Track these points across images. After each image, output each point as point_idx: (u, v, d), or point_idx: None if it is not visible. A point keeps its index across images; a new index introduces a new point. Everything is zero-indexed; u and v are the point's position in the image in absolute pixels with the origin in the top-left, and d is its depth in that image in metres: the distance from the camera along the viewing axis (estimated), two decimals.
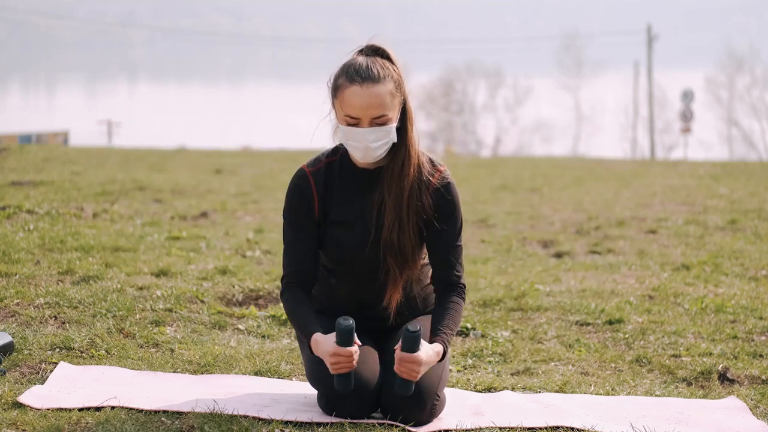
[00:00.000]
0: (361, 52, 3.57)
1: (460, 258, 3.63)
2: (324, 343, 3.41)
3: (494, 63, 63.98)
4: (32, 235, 6.78)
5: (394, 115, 3.51)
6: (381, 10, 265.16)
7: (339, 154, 3.62)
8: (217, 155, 18.95)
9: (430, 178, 3.58)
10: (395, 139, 3.53)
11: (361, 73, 3.47)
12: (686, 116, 39.87)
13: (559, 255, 7.64)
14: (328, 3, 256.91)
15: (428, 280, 3.75)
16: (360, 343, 3.43)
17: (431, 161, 3.62)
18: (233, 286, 5.60)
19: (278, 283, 5.78)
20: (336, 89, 3.51)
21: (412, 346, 3.35)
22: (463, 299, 3.62)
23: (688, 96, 40.35)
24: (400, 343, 3.39)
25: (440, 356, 3.48)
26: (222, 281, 5.72)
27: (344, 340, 3.35)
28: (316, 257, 3.62)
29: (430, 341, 3.50)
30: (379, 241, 3.55)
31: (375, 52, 3.56)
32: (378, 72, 3.47)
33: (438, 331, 3.52)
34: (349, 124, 3.49)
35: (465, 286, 3.65)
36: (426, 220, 3.59)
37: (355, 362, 3.37)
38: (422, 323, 3.58)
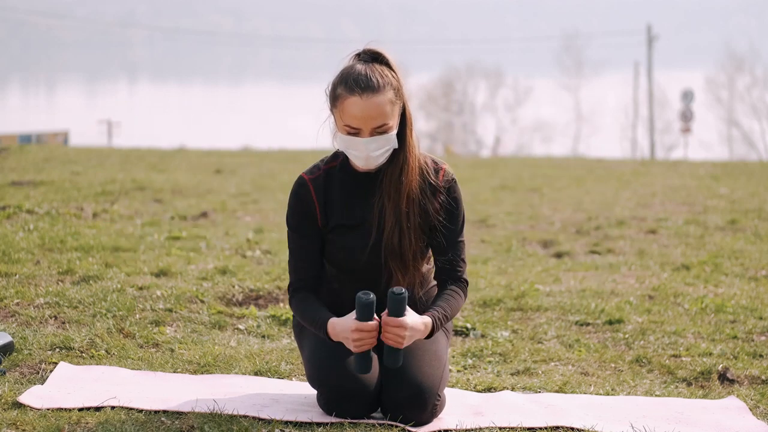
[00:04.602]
0: (358, 56, 3.55)
1: (463, 254, 3.63)
2: (342, 323, 3.40)
3: (494, 63, 63.98)
4: (32, 235, 6.78)
5: (395, 123, 3.50)
6: (381, 10, 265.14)
7: (339, 159, 3.61)
8: (217, 155, 18.94)
9: (437, 181, 3.58)
10: (396, 145, 3.52)
11: (360, 83, 3.43)
12: (686, 116, 39.88)
13: (559, 255, 7.64)
14: (328, 3, 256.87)
15: (431, 284, 3.75)
16: (379, 319, 3.39)
17: (434, 162, 3.61)
18: (233, 286, 5.60)
19: (278, 283, 5.78)
20: (335, 99, 3.48)
21: (397, 308, 3.32)
22: (464, 291, 3.62)
23: (688, 96, 40.35)
24: (394, 298, 3.36)
25: (428, 330, 3.45)
26: (222, 281, 5.72)
27: (365, 315, 3.33)
28: (321, 263, 3.63)
29: (421, 315, 3.49)
30: (381, 246, 3.54)
31: (374, 58, 3.53)
32: (377, 81, 3.44)
33: (430, 308, 3.53)
34: (349, 134, 3.48)
35: (467, 282, 3.65)
36: (430, 220, 3.59)
37: (376, 338, 3.35)
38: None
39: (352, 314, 3.40)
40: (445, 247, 3.60)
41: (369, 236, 3.55)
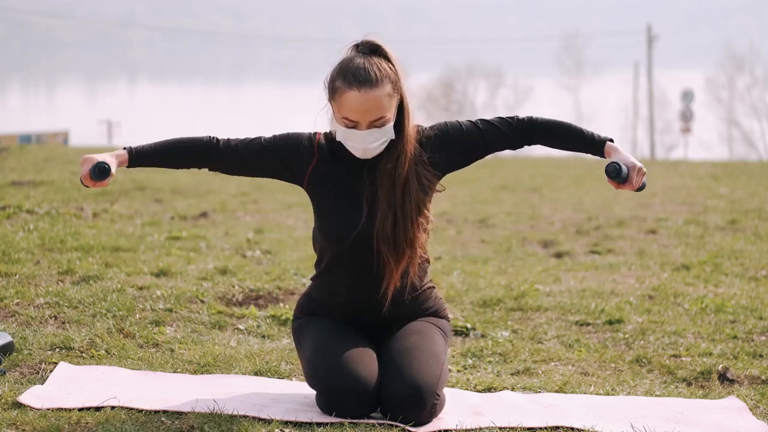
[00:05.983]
0: (357, 48, 3.57)
1: (500, 119, 3.70)
2: (100, 156, 3.51)
3: (494, 63, 63.94)
4: (32, 235, 6.78)
5: (392, 115, 3.53)
6: (381, 10, 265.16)
7: None
8: None
9: (420, 147, 3.61)
10: (393, 136, 3.54)
11: (358, 77, 3.46)
12: (686, 116, 39.90)
13: (559, 255, 7.64)
14: (328, 3, 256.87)
15: (426, 280, 3.75)
16: (104, 184, 3.51)
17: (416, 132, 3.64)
18: (233, 286, 5.60)
19: (278, 283, 5.79)
20: (333, 91, 3.51)
21: (621, 171, 3.54)
22: (533, 116, 3.70)
23: (688, 96, 40.37)
24: (616, 179, 3.51)
25: (611, 143, 3.62)
26: (222, 281, 5.72)
27: (95, 173, 3.50)
28: (237, 166, 3.65)
29: (604, 152, 3.60)
30: (373, 231, 3.55)
31: (372, 50, 3.55)
32: (375, 75, 3.47)
33: (593, 138, 3.62)
34: (347, 126, 3.50)
35: (527, 117, 3.71)
36: (458, 158, 3.65)
37: (87, 182, 3.49)
38: (615, 163, 3.61)
39: (110, 158, 3.51)
40: (495, 133, 3.67)
41: (359, 215, 3.56)
